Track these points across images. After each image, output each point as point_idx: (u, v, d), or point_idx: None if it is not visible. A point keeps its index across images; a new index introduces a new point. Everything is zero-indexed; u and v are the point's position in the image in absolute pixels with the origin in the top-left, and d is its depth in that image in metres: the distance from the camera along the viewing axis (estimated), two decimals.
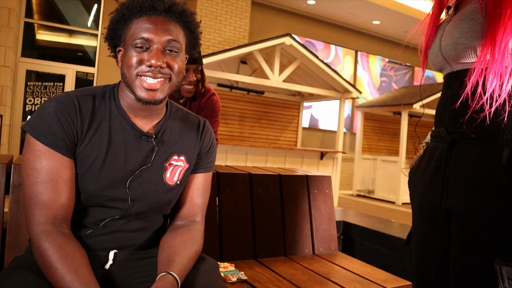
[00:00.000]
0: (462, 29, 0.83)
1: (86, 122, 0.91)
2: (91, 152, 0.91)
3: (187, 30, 0.97)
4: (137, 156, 0.95)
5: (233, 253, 1.59)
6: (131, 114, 0.97)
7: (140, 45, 0.90)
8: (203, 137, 1.08)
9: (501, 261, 0.73)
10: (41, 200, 0.87)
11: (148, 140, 0.97)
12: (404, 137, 7.61)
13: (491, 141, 0.75)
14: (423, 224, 0.92)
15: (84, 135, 0.90)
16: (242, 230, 1.63)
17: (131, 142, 0.95)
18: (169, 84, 0.94)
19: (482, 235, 0.75)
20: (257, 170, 1.81)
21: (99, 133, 0.92)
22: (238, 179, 1.67)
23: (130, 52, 0.91)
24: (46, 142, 0.87)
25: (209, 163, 1.11)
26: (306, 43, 9.37)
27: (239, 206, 1.64)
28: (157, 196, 0.99)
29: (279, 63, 6.21)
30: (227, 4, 7.53)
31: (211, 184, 1.15)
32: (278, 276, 1.43)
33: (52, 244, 0.84)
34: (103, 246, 0.96)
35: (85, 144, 0.91)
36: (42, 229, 0.86)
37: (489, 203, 0.75)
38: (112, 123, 0.94)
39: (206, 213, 1.13)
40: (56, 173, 0.87)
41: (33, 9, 6.42)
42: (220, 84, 6.82)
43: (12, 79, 5.83)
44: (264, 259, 1.63)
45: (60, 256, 0.84)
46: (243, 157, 6.20)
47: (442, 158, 0.84)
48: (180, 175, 1.02)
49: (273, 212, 1.72)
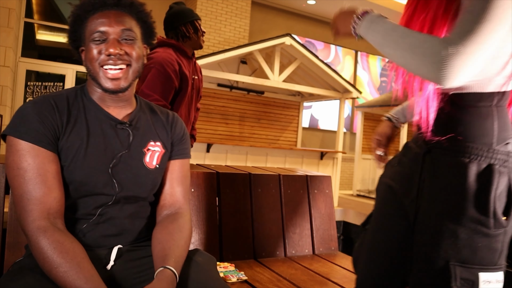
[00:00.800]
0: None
1: (64, 116, 0.96)
2: (73, 143, 0.95)
3: (140, 20, 1.04)
4: (115, 143, 1.01)
5: (233, 253, 1.59)
6: (103, 106, 1.03)
7: (98, 38, 0.97)
8: (173, 127, 1.14)
9: (456, 262, 0.82)
10: (33, 197, 0.88)
11: (123, 128, 1.03)
12: (404, 137, 7.61)
13: (459, 153, 0.83)
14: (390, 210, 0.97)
15: (64, 129, 0.95)
16: (242, 230, 1.63)
17: (108, 130, 1.01)
18: (131, 70, 1.00)
19: (443, 237, 0.83)
20: (257, 170, 1.81)
21: (77, 126, 0.98)
22: (238, 179, 1.67)
23: (90, 47, 0.98)
24: (29, 139, 0.90)
25: (184, 149, 1.16)
26: (306, 43, 9.37)
27: (239, 206, 1.64)
28: (140, 180, 1.03)
29: (279, 63, 6.22)
30: (227, 4, 7.53)
31: (189, 172, 1.19)
32: (278, 276, 1.43)
33: (51, 240, 0.85)
34: (102, 234, 0.98)
35: (66, 136, 0.95)
36: (38, 225, 0.87)
37: (453, 210, 0.82)
38: (88, 115, 1.00)
39: (206, 213, 1.13)
40: (43, 168, 0.90)
41: (33, 9, 6.42)
42: (220, 84, 6.82)
43: (12, 79, 5.83)
44: (264, 259, 1.63)
45: (62, 251, 0.84)
46: (243, 157, 6.20)
47: (418, 164, 0.91)
48: (158, 159, 1.07)
49: (273, 212, 1.72)
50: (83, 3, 1.00)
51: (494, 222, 0.81)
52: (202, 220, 1.55)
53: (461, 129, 0.83)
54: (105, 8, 0.99)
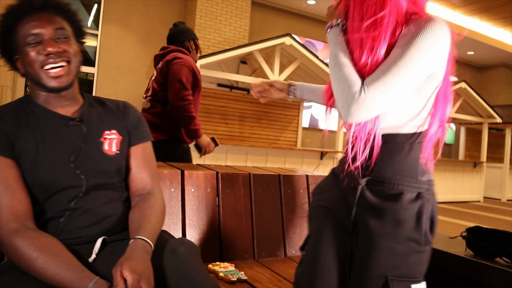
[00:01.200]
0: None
1: (14, 123, 0.98)
2: (29, 147, 0.97)
3: (68, 20, 1.06)
4: (71, 139, 1.03)
5: (233, 253, 1.59)
6: (50, 107, 1.05)
7: (33, 41, 0.98)
8: (125, 114, 1.16)
9: (393, 276, 0.94)
10: (2, 207, 0.89)
11: (75, 124, 1.05)
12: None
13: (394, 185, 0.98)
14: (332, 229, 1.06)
15: (17, 134, 0.97)
16: (242, 230, 1.63)
17: (61, 128, 1.03)
18: (72, 66, 1.03)
19: (382, 254, 0.95)
20: (257, 170, 1.81)
21: (30, 130, 0.99)
22: (238, 179, 1.67)
23: (26, 51, 0.99)
24: None
25: (142, 133, 1.18)
26: (306, 43, 9.37)
27: (239, 206, 1.64)
28: (104, 167, 1.06)
29: (279, 63, 6.21)
30: (227, 4, 7.53)
31: (154, 154, 1.21)
32: (278, 276, 1.43)
33: (24, 238, 0.88)
34: (82, 226, 1.00)
35: (21, 141, 0.97)
36: (9, 229, 0.88)
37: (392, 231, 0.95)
38: (38, 118, 1.02)
39: (206, 213, 1.13)
40: (3, 174, 0.92)
41: None
42: (220, 84, 6.82)
43: (12, 79, 5.83)
44: (264, 259, 1.63)
45: (37, 246, 0.87)
46: (243, 157, 6.20)
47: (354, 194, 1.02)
48: (117, 146, 1.11)
49: (273, 212, 1.72)
50: (9, 11, 1.01)
51: (424, 240, 0.96)
52: (202, 220, 1.55)
53: (392, 165, 0.98)
54: (33, 12, 1.00)
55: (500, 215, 6.99)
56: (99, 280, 0.87)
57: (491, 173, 9.64)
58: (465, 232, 1.46)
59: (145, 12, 7.42)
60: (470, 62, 12.70)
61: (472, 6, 9.34)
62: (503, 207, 8.27)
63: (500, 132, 10.70)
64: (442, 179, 8.33)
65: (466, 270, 1.37)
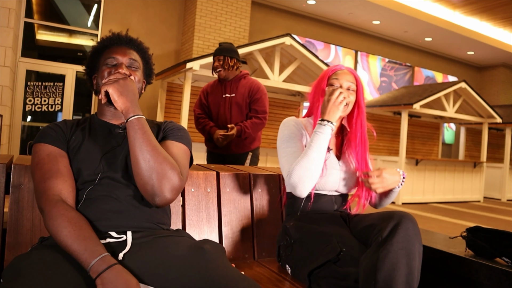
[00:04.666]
0: None
1: (72, 128, 1.23)
2: (77, 143, 1.19)
3: (143, 60, 1.33)
4: (110, 141, 1.21)
5: (233, 253, 1.59)
6: (105, 119, 1.27)
7: (110, 63, 1.24)
8: (165, 125, 1.31)
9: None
10: (48, 178, 1.08)
11: (120, 131, 1.24)
12: (404, 137, 7.61)
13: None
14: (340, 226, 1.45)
15: (71, 135, 1.21)
16: (242, 230, 1.63)
17: (105, 133, 1.23)
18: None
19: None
20: (257, 170, 1.82)
21: (82, 132, 1.22)
22: (238, 179, 1.67)
23: (102, 69, 1.24)
24: (46, 141, 1.16)
25: (180, 136, 1.26)
26: (306, 43, 9.37)
27: (239, 206, 1.65)
28: (128, 164, 1.16)
29: (279, 63, 6.21)
30: (227, 4, 7.53)
31: (189, 158, 1.26)
32: (278, 276, 1.43)
33: (60, 208, 1.02)
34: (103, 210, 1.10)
35: (72, 140, 1.20)
36: (52, 199, 1.04)
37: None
38: (92, 126, 1.26)
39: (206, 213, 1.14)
40: (56, 158, 1.13)
41: (33, 9, 6.42)
42: None
43: (12, 79, 5.83)
44: (264, 259, 1.63)
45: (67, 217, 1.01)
46: None
47: (346, 222, 1.51)
48: None
49: (273, 212, 1.72)
50: (103, 39, 1.29)
51: None
52: (202, 220, 1.55)
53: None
54: (119, 44, 1.28)
55: (500, 215, 7.00)
56: (107, 256, 0.94)
57: (491, 173, 9.64)
58: (465, 232, 1.46)
59: (145, 12, 7.42)
60: (470, 62, 12.70)
61: (472, 6, 9.34)
62: (503, 207, 8.27)
63: (500, 132, 10.70)
64: (442, 179, 8.33)
65: (466, 270, 1.37)
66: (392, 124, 8.99)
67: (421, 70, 11.79)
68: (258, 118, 2.95)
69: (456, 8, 9.62)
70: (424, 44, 11.20)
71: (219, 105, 3.00)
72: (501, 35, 10.73)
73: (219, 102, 3.00)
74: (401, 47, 11.11)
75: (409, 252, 1.12)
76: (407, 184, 7.74)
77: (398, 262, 1.10)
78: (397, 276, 1.09)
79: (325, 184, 1.51)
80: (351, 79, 1.54)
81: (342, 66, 1.59)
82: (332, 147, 1.57)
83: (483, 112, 8.77)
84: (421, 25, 9.54)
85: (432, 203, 8.05)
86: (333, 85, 1.53)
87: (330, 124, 1.44)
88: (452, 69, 12.39)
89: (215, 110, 3.03)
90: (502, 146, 10.33)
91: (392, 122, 8.99)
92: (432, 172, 8.19)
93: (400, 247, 1.12)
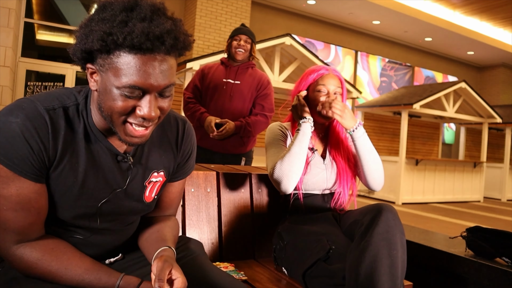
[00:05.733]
0: None
1: (59, 143, 0.79)
2: (65, 180, 0.81)
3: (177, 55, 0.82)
4: (115, 179, 0.88)
5: (233, 253, 1.59)
6: (106, 133, 0.86)
7: (129, 94, 0.75)
8: (182, 146, 1.01)
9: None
10: (10, 226, 0.78)
11: (124, 161, 0.89)
12: (404, 137, 7.61)
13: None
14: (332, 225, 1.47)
15: (58, 159, 0.80)
16: (242, 230, 1.63)
17: (109, 165, 0.87)
18: (156, 123, 0.84)
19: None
20: (257, 170, 1.81)
21: (74, 157, 0.82)
22: (238, 179, 1.67)
23: (115, 95, 0.75)
24: (14, 169, 0.75)
25: (186, 169, 1.06)
26: (306, 43, 9.37)
27: (239, 206, 1.65)
28: (133, 213, 0.97)
29: (279, 63, 6.22)
30: (227, 4, 7.53)
31: (184, 187, 1.19)
32: (278, 276, 1.43)
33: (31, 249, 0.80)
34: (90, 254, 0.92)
35: (60, 169, 0.80)
36: (17, 248, 0.80)
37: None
38: (87, 144, 0.84)
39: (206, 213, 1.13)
40: (27, 202, 0.78)
41: (33, 9, 6.42)
42: None
43: (12, 79, 5.83)
44: (264, 259, 1.63)
45: (45, 253, 0.81)
46: None
47: (336, 220, 1.52)
48: (157, 190, 0.99)
49: (273, 212, 1.72)
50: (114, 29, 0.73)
51: None
52: (202, 220, 1.55)
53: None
54: (146, 46, 0.72)
55: (500, 215, 6.99)
56: (126, 276, 0.83)
57: (491, 173, 9.64)
58: (465, 232, 1.46)
59: None
60: (470, 62, 12.70)
61: (472, 6, 9.33)
62: (503, 207, 8.27)
63: (500, 132, 10.71)
64: (442, 179, 8.33)
65: (466, 270, 1.37)
66: (392, 124, 8.99)
67: (421, 70, 11.79)
68: (265, 117, 2.49)
69: (456, 8, 9.62)
70: (424, 44, 11.20)
71: (217, 89, 2.48)
72: (501, 35, 10.73)
73: (218, 87, 2.49)
74: (401, 47, 11.11)
75: (389, 242, 1.12)
76: (407, 184, 7.74)
77: (379, 253, 1.09)
78: (379, 267, 1.08)
79: (314, 184, 1.53)
80: (336, 83, 1.55)
81: (325, 69, 1.59)
82: (317, 148, 1.60)
83: (483, 112, 8.77)
84: (421, 25, 9.54)
85: (432, 203, 8.05)
86: (320, 92, 1.55)
87: (305, 119, 1.49)
88: (452, 69, 12.39)
89: (211, 95, 2.49)
90: (502, 146, 10.33)
91: (392, 122, 8.99)
92: (432, 172, 8.19)
93: (381, 238, 1.12)
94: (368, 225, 1.16)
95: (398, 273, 1.10)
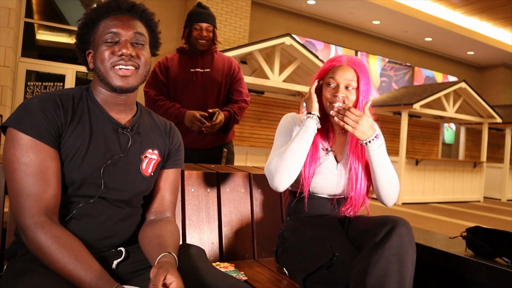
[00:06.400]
0: None
1: (68, 115, 0.96)
2: (74, 142, 0.96)
3: (149, 29, 1.07)
4: (115, 147, 1.02)
5: (233, 253, 1.59)
6: (107, 108, 1.04)
7: (110, 40, 0.99)
8: (171, 137, 1.17)
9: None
10: (32, 192, 0.88)
11: (124, 132, 1.04)
12: (404, 137, 7.61)
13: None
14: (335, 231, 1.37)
15: (67, 127, 0.96)
16: (242, 230, 1.63)
17: (110, 133, 1.02)
18: (138, 72, 1.02)
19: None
20: (257, 170, 1.81)
21: (80, 125, 0.98)
22: (238, 179, 1.67)
23: (102, 48, 0.99)
24: (33, 135, 0.90)
25: (178, 160, 1.19)
26: (306, 43, 9.37)
27: (239, 206, 1.65)
28: (135, 185, 1.04)
29: (279, 63, 6.22)
30: (227, 4, 7.53)
31: (179, 184, 1.22)
32: (278, 276, 1.43)
33: (49, 235, 0.87)
34: (93, 237, 0.98)
35: (69, 135, 0.95)
36: (37, 221, 0.88)
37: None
38: (91, 116, 1.01)
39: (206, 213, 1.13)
40: (44, 164, 0.90)
41: (33, 9, 6.42)
42: None
43: (12, 79, 5.83)
44: (264, 259, 1.63)
45: (59, 246, 0.87)
46: (243, 157, 6.20)
47: (342, 223, 1.41)
48: (153, 168, 1.09)
49: (273, 212, 1.72)
50: (97, 6, 1.03)
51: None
52: (202, 220, 1.55)
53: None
54: (119, 12, 1.02)
55: (500, 215, 7.00)
56: (119, 287, 0.85)
57: (491, 173, 9.65)
58: (465, 232, 1.46)
59: None
60: (470, 62, 12.70)
61: (472, 6, 9.33)
62: (503, 207, 8.27)
63: (500, 132, 10.71)
64: (442, 179, 8.33)
65: (466, 270, 1.37)
66: (392, 124, 8.99)
67: (421, 70, 11.79)
68: (246, 102, 2.37)
69: (456, 8, 9.62)
70: (424, 44, 11.19)
71: (188, 82, 2.27)
72: (501, 35, 10.73)
73: (187, 79, 2.27)
74: (401, 47, 11.11)
75: (401, 258, 1.08)
76: (407, 184, 7.74)
77: (389, 268, 1.06)
78: (388, 283, 1.05)
79: (322, 187, 1.44)
80: (350, 76, 1.37)
81: (341, 59, 1.41)
82: (335, 149, 1.47)
83: (483, 112, 8.77)
84: (421, 25, 9.54)
85: (432, 203, 8.05)
86: (329, 85, 1.39)
87: (311, 115, 1.37)
88: (452, 69, 12.39)
89: (182, 88, 2.28)
90: (502, 146, 10.33)
91: (392, 122, 8.99)
92: (432, 172, 8.19)
93: (393, 253, 1.08)
94: (381, 239, 1.11)
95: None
